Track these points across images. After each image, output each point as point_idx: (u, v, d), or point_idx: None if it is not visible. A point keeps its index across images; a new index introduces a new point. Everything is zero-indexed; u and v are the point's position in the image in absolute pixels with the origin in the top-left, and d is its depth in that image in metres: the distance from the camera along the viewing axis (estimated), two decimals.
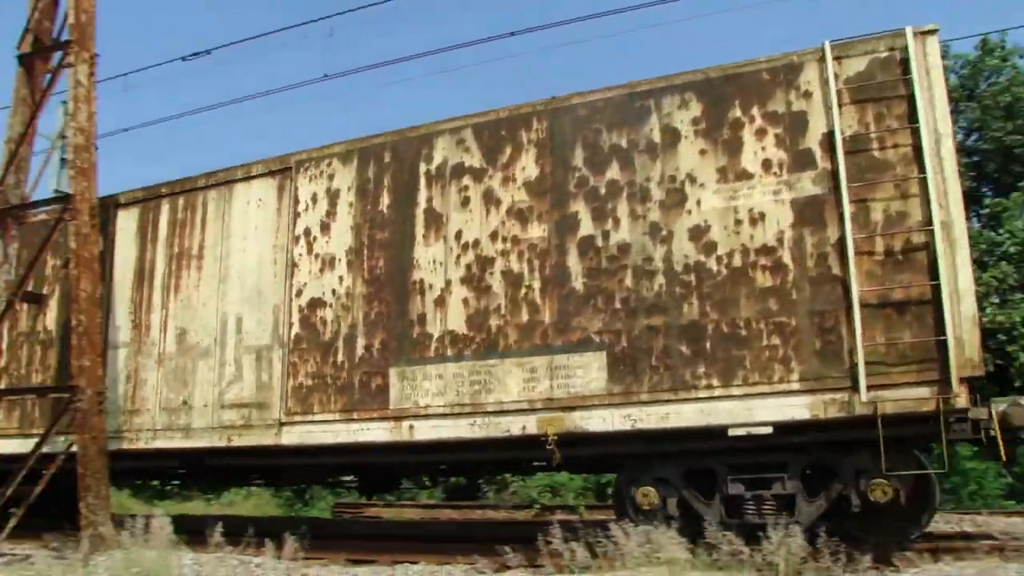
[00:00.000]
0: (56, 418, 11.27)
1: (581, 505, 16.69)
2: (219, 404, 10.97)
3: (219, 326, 11.21)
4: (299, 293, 10.74)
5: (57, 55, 12.26)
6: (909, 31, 8.53)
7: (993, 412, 7.98)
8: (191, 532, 9.22)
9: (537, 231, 9.65)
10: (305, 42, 26.85)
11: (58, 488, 10.61)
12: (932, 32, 8.51)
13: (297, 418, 10.36)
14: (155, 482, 16.18)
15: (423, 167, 10.37)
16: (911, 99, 8.40)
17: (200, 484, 19.59)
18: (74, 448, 10.88)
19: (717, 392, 8.49)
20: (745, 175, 8.79)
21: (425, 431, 9.67)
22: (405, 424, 9.78)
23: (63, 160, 13.18)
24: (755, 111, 8.93)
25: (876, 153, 8.47)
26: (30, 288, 12.52)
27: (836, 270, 8.30)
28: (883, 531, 8.43)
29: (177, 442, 11.07)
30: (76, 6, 11.80)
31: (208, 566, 8.50)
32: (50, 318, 12.56)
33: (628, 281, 9.04)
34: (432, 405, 9.68)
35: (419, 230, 10.21)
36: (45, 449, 10.98)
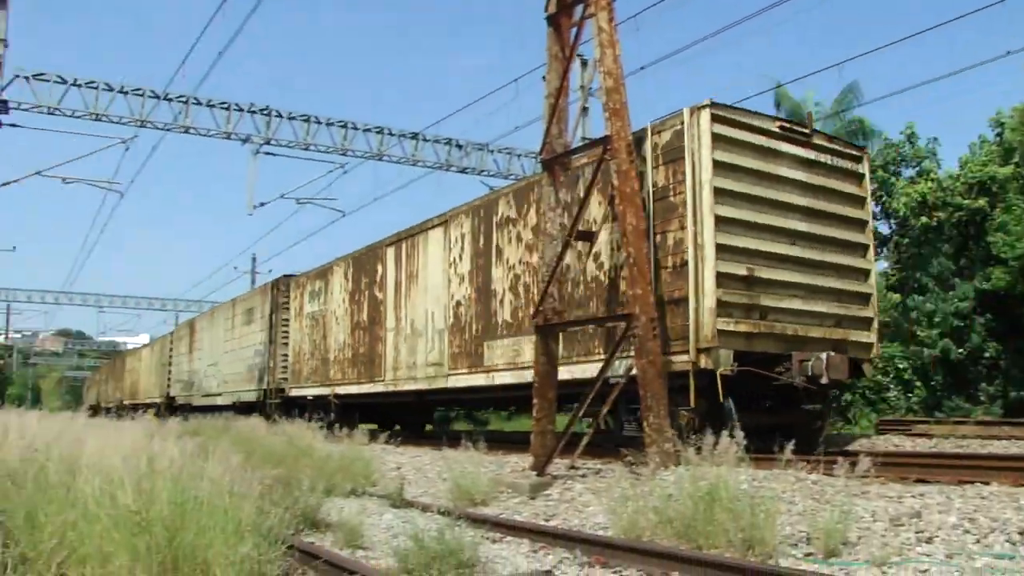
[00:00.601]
0: (617, 345, 11.77)
1: None
2: (426, 364, 18.21)
3: (424, 318, 18.45)
4: (451, 297, 17.46)
5: (579, 9, 12.85)
6: (686, 110, 11.96)
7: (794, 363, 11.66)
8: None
9: (535, 258, 14.78)
10: None
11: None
12: (705, 107, 11.75)
13: (451, 372, 17.23)
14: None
15: (494, 219, 16.28)
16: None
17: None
18: (633, 372, 11.53)
19: (597, 357, 12.98)
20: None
21: (497, 378, 15.78)
22: (491, 375, 16.04)
23: (584, 109, 21.33)
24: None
25: (671, 198, 12.06)
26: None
27: (650, 278, 11.76)
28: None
29: (411, 385, 18.84)
30: None
31: (766, 482, 8.94)
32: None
33: (570, 288, 13.62)
34: (498, 364, 15.79)
35: (493, 258, 16.23)
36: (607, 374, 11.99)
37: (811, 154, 12.76)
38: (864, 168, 13.46)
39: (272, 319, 27.06)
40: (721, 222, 11.63)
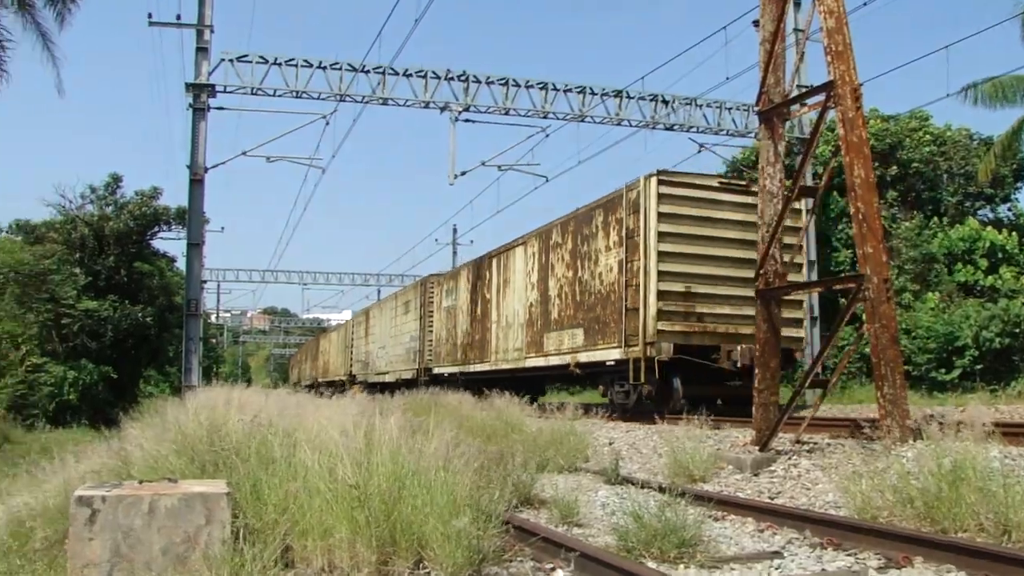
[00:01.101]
0: (848, 309, 11.24)
1: None
2: (514, 349, 25.04)
3: (512, 315, 25.43)
4: (527, 300, 24.36)
5: None
6: (642, 178, 18.22)
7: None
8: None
9: (569, 272, 21.70)
10: None
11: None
12: (653, 175, 17.93)
13: (525, 355, 24.15)
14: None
15: (550, 243, 23.05)
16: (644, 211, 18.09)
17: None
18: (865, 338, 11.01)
19: (601, 346, 19.57)
20: (609, 247, 19.59)
21: (552, 360, 22.35)
22: (548, 358, 22.68)
23: (801, 55, 22.62)
24: (612, 217, 19.61)
25: (636, 238, 18.32)
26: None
27: (621, 294, 18.70)
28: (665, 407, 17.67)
29: (505, 365, 25.61)
30: None
31: (1021, 459, 8.90)
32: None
33: (584, 296, 20.65)
34: (551, 350, 22.47)
35: (548, 272, 22.97)
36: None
37: (748, 199, 18.26)
38: (801, 205, 18.54)
39: (421, 311, 34.91)
40: (663, 255, 17.95)
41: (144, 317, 40.55)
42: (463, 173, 30.12)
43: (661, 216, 18.06)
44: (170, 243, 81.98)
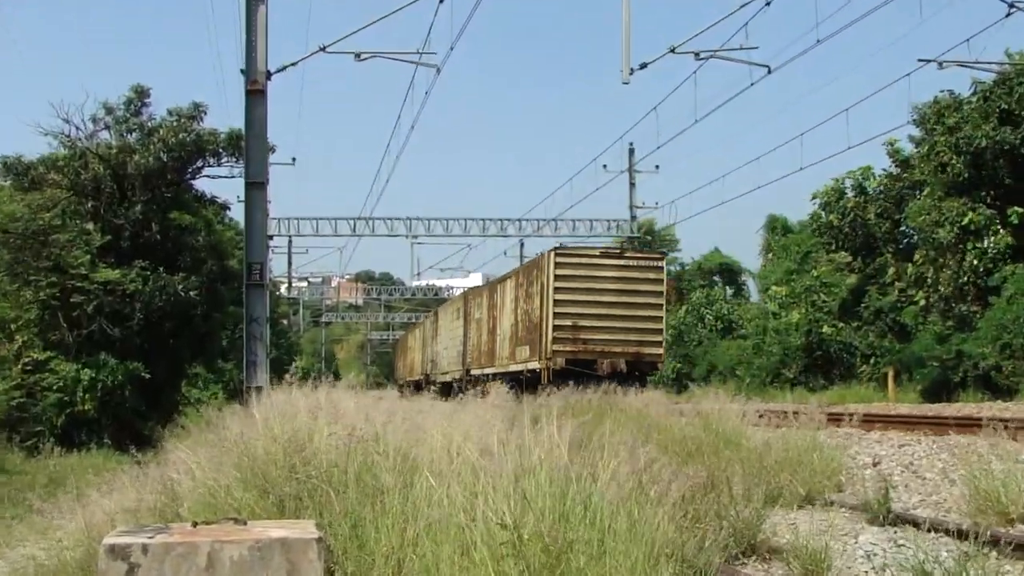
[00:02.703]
0: None
1: None
2: (506, 356, 46.37)
3: (505, 330, 46.90)
4: (512, 320, 45.41)
5: None
6: (547, 252, 41.27)
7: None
8: None
9: (524, 305, 43.41)
10: None
11: None
12: (553, 250, 40.77)
13: (508, 362, 45.69)
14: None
15: (519, 280, 45.00)
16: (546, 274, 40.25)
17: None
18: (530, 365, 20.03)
19: (533, 359, 41.01)
20: (534, 294, 41.87)
21: (517, 367, 43.40)
22: (517, 364, 43.55)
23: None
24: (535, 273, 42.00)
25: (545, 290, 40.11)
26: None
27: (539, 324, 40.46)
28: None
29: (502, 369, 46.02)
30: None
31: None
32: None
33: (528, 323, 42.48)
34: (519, 358, 43.69)
35: (518, 302, 44.46)
36: None
37: (622, 262, 40.48)
38: (662, 264, 42.35)
39: (465, 319, 56.60)
40: (557, 302, 39.13)
41: (187, 291, 40.21)
42: (642, 66, 30.00)
43: (556, 278, 39.37)
44: (221, 184, 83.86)
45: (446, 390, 53.32)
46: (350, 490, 7.31)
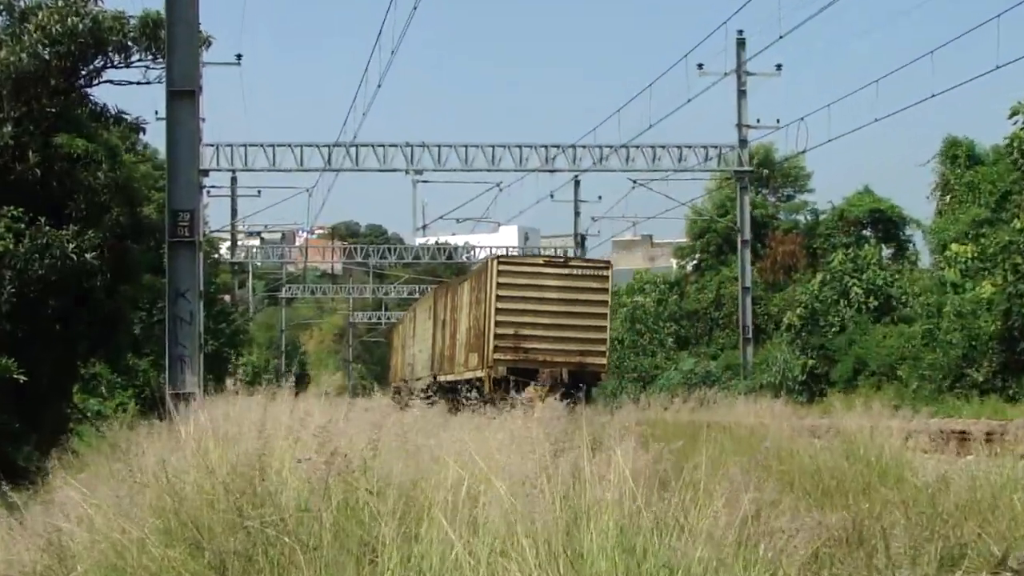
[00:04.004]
0: None
1: None
2: (461, 363, 64.20)
3: (459, 334, 65.52)
4: (467, 325, 62.88)
5: None
6: (490, 259, 59.68)
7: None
8: None
9: (475, 310, 60.53)
10: None
11: None
12: (495, 259, 58.93)
13: (464, 368, 62.78)
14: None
15: (473, 284, 62.04)
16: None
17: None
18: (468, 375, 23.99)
19: (479, 367, 57.58)
20: (480, 301, 58.21)
21: (470, 374, 60.59)
22: (470, 372, 60.71)
23: None
24: (482, 280, 58.43)
25: (487, 297, 56.44)
26: None
27: (483, 332, 56.90)
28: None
29: (460, 376, 63.48)
30: None
31: None
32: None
33: (473, 329, 61.31)
34: (471, 365, 60.63)
35: (471, 307, 61.24)
36: None
37: (566, 271, 57.20)
38: (608, 273, 57.93)
39: (435, 319, 71.18)
40: (499, 311, 54.42)
41: (80, 252, 39.74)
42: None
43: (499, 286, 52.04)
44: (131, 94, 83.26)
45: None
46: (325, 545, 7.37)
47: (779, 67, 76.69)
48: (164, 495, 9.04)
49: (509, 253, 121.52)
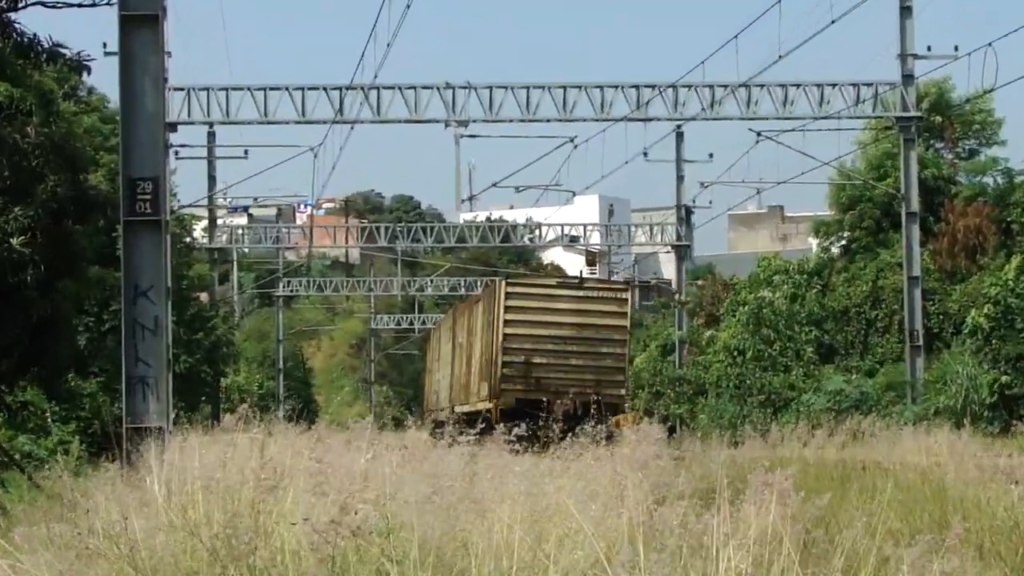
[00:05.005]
0: None
1: None
2: (474, 393, 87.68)
3: (473, 360, 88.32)
4: (480, 348, 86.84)
5: None
6: (497, 281, 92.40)
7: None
8: None
9: (486, 336, 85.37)
10: None
11: None
12: (504, 279, 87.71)
13: (477, 400, 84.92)
14: None
15: (485, 305, 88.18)
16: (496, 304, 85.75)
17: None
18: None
19: (486, 394, 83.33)
20: (490, 325, 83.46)
21: (482, 405, 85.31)
22: (481, 403, 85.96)
23: None
24: (492, 302, 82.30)
25: (495, 322, 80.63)
26: None
27: (491, 357, 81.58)
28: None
29: (468, 407, 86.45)
30: None
31: None
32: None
33: (484, 355, 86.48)
34: (482, 395, 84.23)
35: (484, 330, 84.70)
36: None
37: (581, 293, 77.37)
38: (627, 295, 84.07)
39: (454, 341, 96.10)
40: (507, 336, 74.66)
41: (5, 235, 40.78)
42: None
43: (507, 309, 71.40)
44: (72, 21, 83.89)
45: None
46: None
47: None
48: (125, 567, 9.15)
49: (587, 231, 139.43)
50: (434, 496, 10.81)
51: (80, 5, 43.04)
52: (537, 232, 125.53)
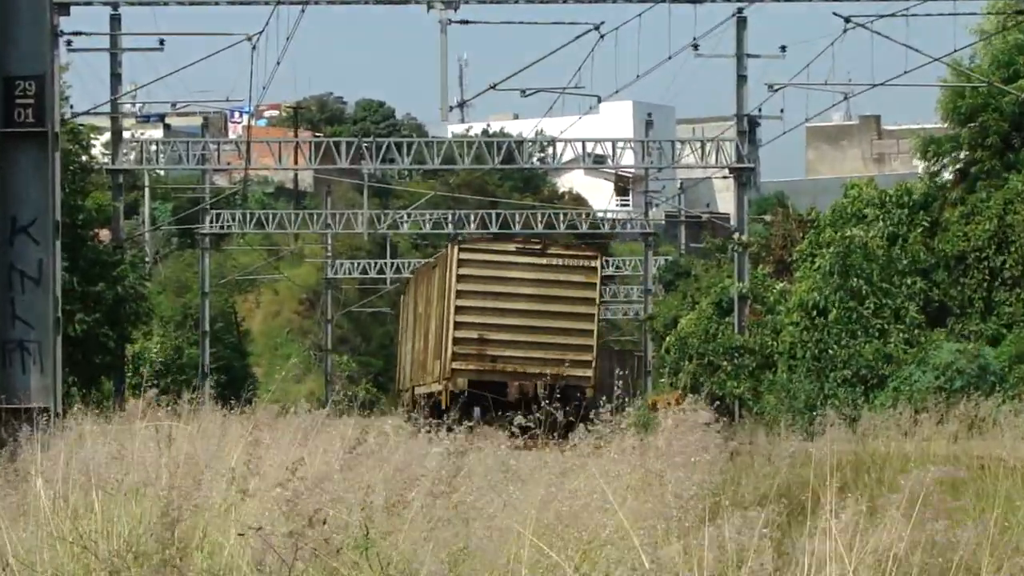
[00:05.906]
0: None
1: None
2: (428, 369, 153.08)
3: (432, 330, 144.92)
4: (432, 324, 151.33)
5: None
6: (450, 244, 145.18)
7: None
8: None
9: (439, 308, 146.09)
10: None
11: None
12: (456, 243, 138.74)
13: (429, 376, 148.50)
14: None
15: (438, 273, 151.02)
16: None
17: None
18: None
19: (436, 376, 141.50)
20: (443, 295, 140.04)
21: (436, 387, 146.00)
22: (437, 383, 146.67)
23: None
24: (444, 267, 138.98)
25: (445, 290, 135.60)
26: None
27: (441, 332, 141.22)
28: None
29: (425, 388, 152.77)
30: None
31: None
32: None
33: (437, 330, 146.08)
34: (436, 375, 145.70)
35: (439, 300, 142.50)
36: None
37: (544, 260, 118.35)
38: (596, 264, 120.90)
39: (414, 310, 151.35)
40: (459, 309, 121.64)
41: None
42: None
43: (460, 277, 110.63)
44: None
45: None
46: None
47: None
48: None
49: (618, 148, 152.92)
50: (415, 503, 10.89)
51: None
52: (550, 150, 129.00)
